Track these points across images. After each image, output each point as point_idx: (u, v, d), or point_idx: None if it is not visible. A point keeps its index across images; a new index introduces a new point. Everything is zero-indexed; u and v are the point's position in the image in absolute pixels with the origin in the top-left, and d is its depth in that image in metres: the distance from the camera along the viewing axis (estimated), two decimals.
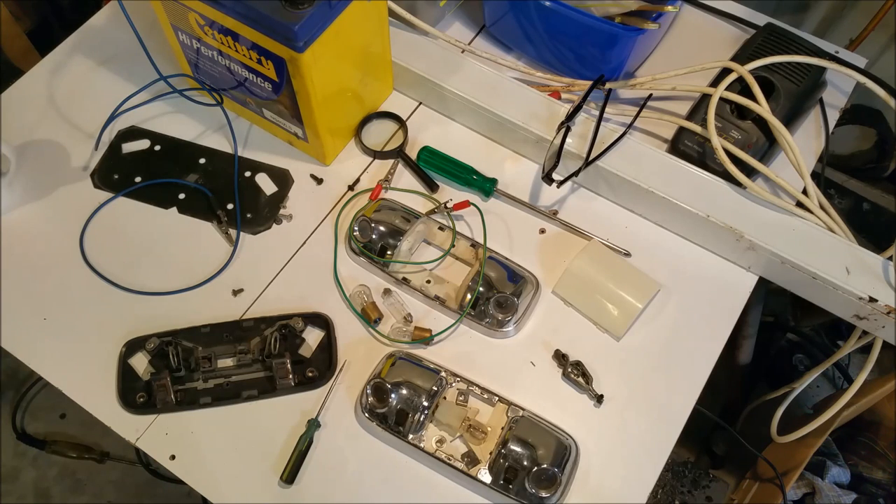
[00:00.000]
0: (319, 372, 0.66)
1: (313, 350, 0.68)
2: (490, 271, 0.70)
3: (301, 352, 0.68)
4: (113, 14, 0.88)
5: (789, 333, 1.31)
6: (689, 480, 1.32)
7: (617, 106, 0.80)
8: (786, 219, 0.70)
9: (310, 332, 0.69)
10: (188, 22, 0.68)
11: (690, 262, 0.73)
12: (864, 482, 1.09)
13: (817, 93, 0.80)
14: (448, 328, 0.69)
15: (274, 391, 0.66)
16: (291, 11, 0.60)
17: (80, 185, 0.77)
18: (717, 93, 0.73)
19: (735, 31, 0.88)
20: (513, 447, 0.62)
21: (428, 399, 0.63)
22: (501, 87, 0.77)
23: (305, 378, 0.66)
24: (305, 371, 0.66)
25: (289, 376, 0.66)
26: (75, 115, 0.81)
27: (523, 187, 0.77)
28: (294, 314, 0.68)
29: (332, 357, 0.67)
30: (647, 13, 0.77)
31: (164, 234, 0.74)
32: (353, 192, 0.77)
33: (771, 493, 1.06)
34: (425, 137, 0.80)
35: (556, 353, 0.68)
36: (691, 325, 0.70)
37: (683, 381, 0.67)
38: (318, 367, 0.67)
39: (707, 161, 0.75)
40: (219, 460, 0.63)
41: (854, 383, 0.74)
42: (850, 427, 1.12)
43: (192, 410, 0.65)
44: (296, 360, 0.67)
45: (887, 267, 0.67)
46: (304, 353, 0.68)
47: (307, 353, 0.68)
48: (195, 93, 0.80)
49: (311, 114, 0.70)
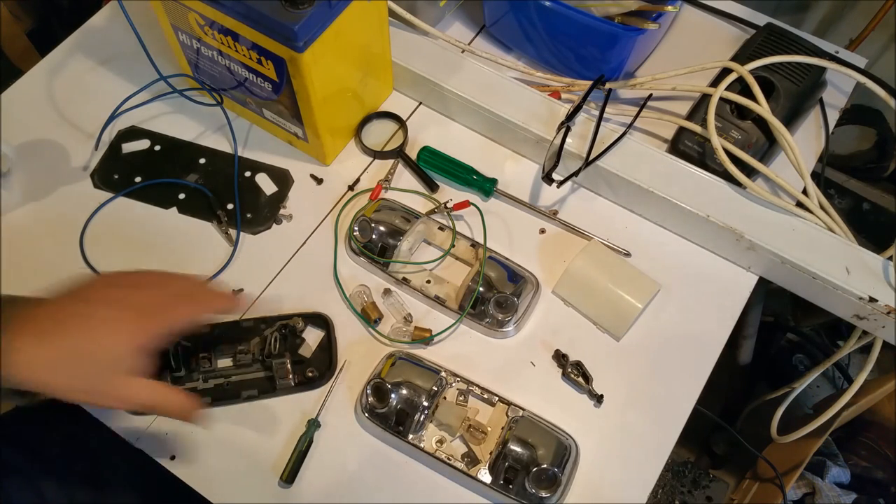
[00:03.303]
0: (319, 372, 0.66)
1: (313, 350, 0.68)
2: (490, 271, 0.70)
3: (301, 352, 0.68)
4: (113, 14, 0.88)
5: (789, 333, 1.31)
6: (689, 480, 1.32)
7: (617, 106, 0.80)
8: (786, 219, 0.70)
9: (310, 332, 0.69)
10: (188, 22, 0.68)
11: (690, 262, 0.73)
12: (864, 482, 1.09)
13: (817, 93, 0.80)
14: (448, 328, 0.69)
15: (274, 391, 0.66)
16: (291, 11, 0.60)
17: (80, 185, 0.77)
18: (717, 93, 0.73)
19: (735, 31, 0.88)
20: (513, 447, 0.62)
21: (428, 399, 0.63)
22: (501, 87, 0.77)
23: (305, 378, 0.66)
24: (305, 371, 0.66)
25: (289, 376, 0.66)
26: (75, 115, 0.81)
27: (523, 187, 0.77)
28: (294, 314, 0.68)
29: (333, 357, 0.67)
30: (647, 13, 0.77)
31: (164, 234, 0.74)
32: (353, 192, 0.77)
33: (771, 493, 1.06)
34: (425, 137, 0.80)
35: (556, 353, 0.68)
36: (691, 326, 0.70)
37: (683, 381, 0.67)
38: (318, 367, 0.67)
39: (707, 161, 0.75)
40: (219, 460, 0.63)
41: (854, 383, 0.74)
42: (850, 427, 1.12)
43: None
44: (296, 360, 0.67)
45: (887, 267, 0.67)
46: (304, 353, 0.68)
47: (307, 353, 0.68)
48: (195, 93, 0.80)
49: (311, 114, 0.70)
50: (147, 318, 0.51)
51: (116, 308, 0.51)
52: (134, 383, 0.51)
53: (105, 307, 0.51)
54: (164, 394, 0.53)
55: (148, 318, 0.51)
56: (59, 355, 0.48)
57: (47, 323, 0.49)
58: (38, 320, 0.49)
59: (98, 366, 0.49)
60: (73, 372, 0.49)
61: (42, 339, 0.48)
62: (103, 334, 0.50)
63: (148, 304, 0.52)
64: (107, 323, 0.50)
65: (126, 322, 0.50)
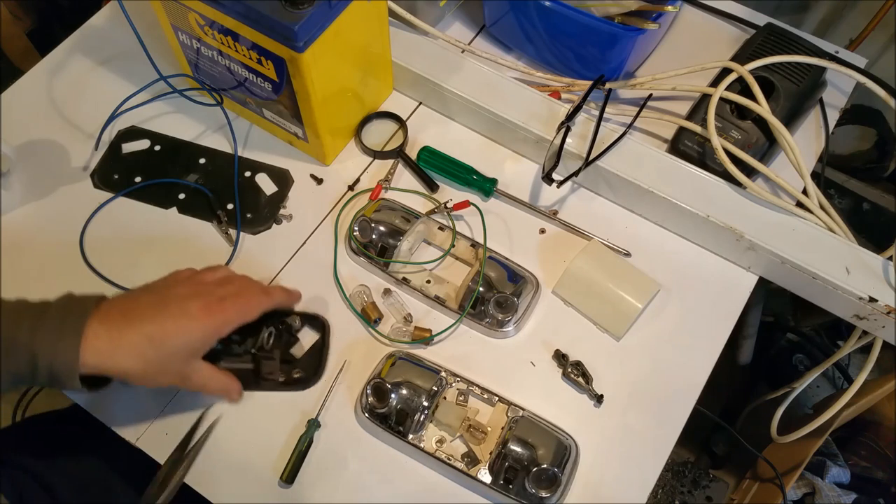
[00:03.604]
0: (307, 374, 0.66)
1: (305, 351, 0.68)
2: (490, 271, 0.70)
3: (293, 351, 0.68)
4: (113, 14, 0.88)
5: (789, 333, 1.31)
6: (689, 480, 1.32)
7: (617, 106, 0.80)
8: (786, 219, 0.70)
9: (305, 333, 0.69)
10: (188, 22, 0.68)
11: (690, 262, 0.73)
12: (864, 482, 1.09)
13: (817, 93, 0.80)
14: (448, 328, 0.69)
15: (258, 386, 0.66)
16: (291, 11, 0.60)
17: (80, 185, 0.77)
18: (717, 93, 0.73)
19: (735, 31, 0.88)
20: (513, 447, 0.62)
21: (428, 399, 0.63)
22: (501, 87, 0.77)
23: (291, 378, 0.66)
24: (292, 371, 0.66)
25: (275, 373, 0.65)
26: (75, 115, 0.81)
27: (523, 187, 0.77)
28: (293, 312, 0.68)
29: (323, 361, 0.67)
30: (647, 13, 0.77)
31: (164, 234, 0.74)
32: (353, 192, 0.77)
33: (771, 493, 1.06)
34: (425, 137, 0.80)
35: (556, 353, 0.68)
36: (691, 325, 0.70)
37: (683, 381, 0.67)
38: (306, 369, 0.67)
39: (707, 161, 0.75)
40: (219, 460, 0.63)
41: (854, 383, 0.74)
42: (850, 427, 1.12)
43: (191, 412, 0.65)
44: (285, 360, 0.67)
45: (887, 267, 0.67)
46: (296, 353, 0.68)
47: (299, 352, 0.68)
48: (195, 93, 0.80)
49: (311, 114, 0.70)
50: (217, 306, 0.56)
51: (189, 298, 0.56)
52: (203, 367, 0.57)
53: (178, 298, 0.56)
54: (223, 377, 0.60)
55: (218, 307, 0.56)
56: (136, 341, 0.53)
57: (125, 311, 0.54)
58: (116, 310, 0.54)
59: (172, 351, 0.54)
60: (150, 356, 0.53)
61: (120, 327, 0.53)
62: (178, 322, 0.54)
63: (218, 295, 0.57)
64: (181, 311, 0.55)
65: (198, 311, 0.55)
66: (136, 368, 0.54)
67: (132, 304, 0.55)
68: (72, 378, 0.52)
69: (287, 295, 0.65)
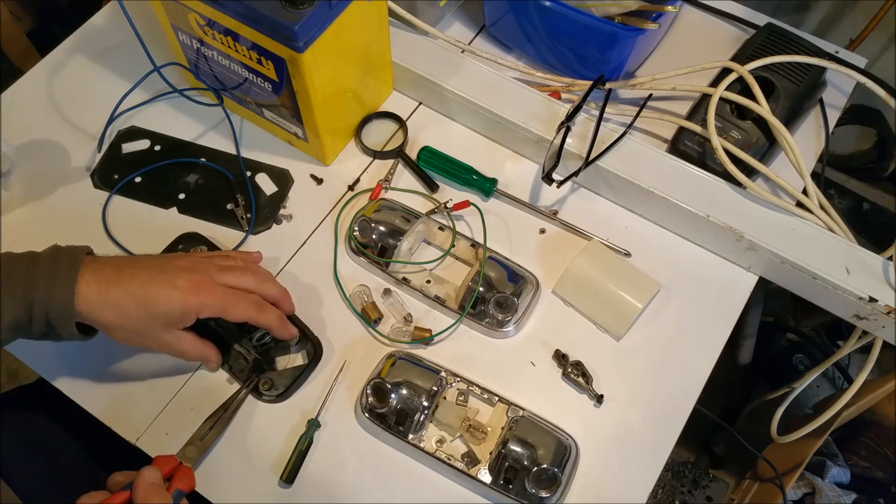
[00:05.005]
0: (275, 391, 0.65)
1: (286, 367, 0.67)
2: (490, 271, 0.70)
3: (278, 359, 0.67)
4: (113, 14, 0.88)
5: (789, 333, 1.31)
6: (689, 480, 1.32)
7: (617, 106, 0.80)
8: (786, 219, 0.70)
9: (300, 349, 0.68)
10: (188, 22, 0.68)
11: (690, 262, 0.73)
12: (864, 482, 1.09)
13: (817, 93, 0.80)
14: (448, 328, 0.69)
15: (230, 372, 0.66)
16: (291, 11, 0.60)
17: (80, 185, 0.77)
18: (717, 93, 0.73)
19: (735, 31, 0.88)
20: (513, 447, 0.62)
21: (428, 399, 0.63)
22: (501, 87, 0.77)
23: (256, 388, 0.65)
24: (261, 382, 0.65)
25: (245, 371, 0.65)
26: (75, 114, 0.81)
27: (523, 187, 0.77)
28: (300, 322, 0.67)
29: (295, 385, 0.65)
30: (647, 13, 0.77)
31: (164, 234, 0.74)
32: (353, 192, 0.77)
33: (771, 493, 1.06)
34: (425, 137, 0.80)
35: (556, 353, 0.68)
36: (691, 325, 0.70)
37: (683, 381, 0.67)
38: (278, 384, 0.65)
39: (707, 161, 0.75)
40: (219, 460, 0.63)
41: (854, 383, 0.74)
42: (850, 427, 1.12)
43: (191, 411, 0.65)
44: (264, 368, 0.66)
45: (887, 267, 0.67)
46: (279, 366, 0.67)
47: (282, 365, 0.67)
48: (195, 92, 0.80)
49: (311, 114, 0.70)
50: (206, 288, 0.58)
51: (183, 271, 0.59)
52: (182, 336, 0.60)
53: (174, 269, 0.59)
54: (201, 346, 0.63)
55: (206, 289, 0.58)
56: (121, 297, 0.56)
57: (119, 269, 0.57)
58: (111, 266, 0.57)
59: (151, 315, 0.57)
60: (130, 315, 0.56)
61: (110, 281, 0.56)
62: (162, 290, 0.57)
63: (213, 278, 0.60)
64: (169, 281, 0.57)
65: (185, 284, 0.58)
66: (117, 324, 0.57)
67: (129, 264, 0.58)
68: (68, 323, 0.55)
69: (281, 324, 0.63)
